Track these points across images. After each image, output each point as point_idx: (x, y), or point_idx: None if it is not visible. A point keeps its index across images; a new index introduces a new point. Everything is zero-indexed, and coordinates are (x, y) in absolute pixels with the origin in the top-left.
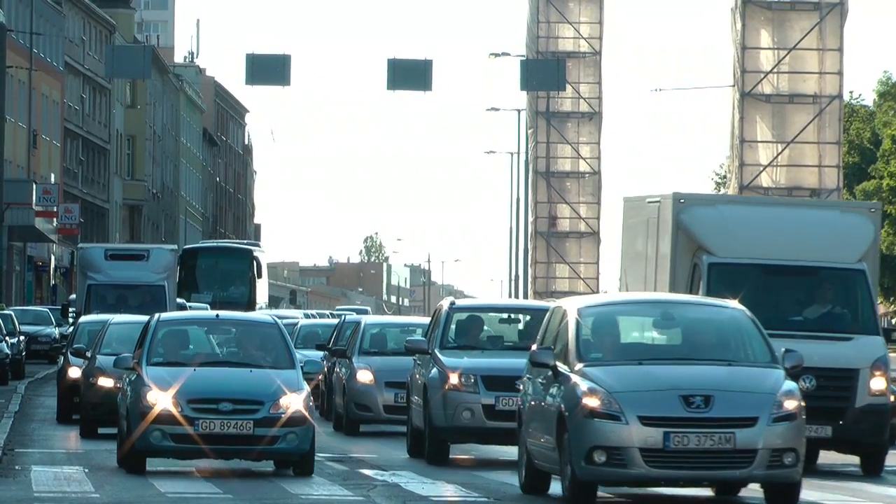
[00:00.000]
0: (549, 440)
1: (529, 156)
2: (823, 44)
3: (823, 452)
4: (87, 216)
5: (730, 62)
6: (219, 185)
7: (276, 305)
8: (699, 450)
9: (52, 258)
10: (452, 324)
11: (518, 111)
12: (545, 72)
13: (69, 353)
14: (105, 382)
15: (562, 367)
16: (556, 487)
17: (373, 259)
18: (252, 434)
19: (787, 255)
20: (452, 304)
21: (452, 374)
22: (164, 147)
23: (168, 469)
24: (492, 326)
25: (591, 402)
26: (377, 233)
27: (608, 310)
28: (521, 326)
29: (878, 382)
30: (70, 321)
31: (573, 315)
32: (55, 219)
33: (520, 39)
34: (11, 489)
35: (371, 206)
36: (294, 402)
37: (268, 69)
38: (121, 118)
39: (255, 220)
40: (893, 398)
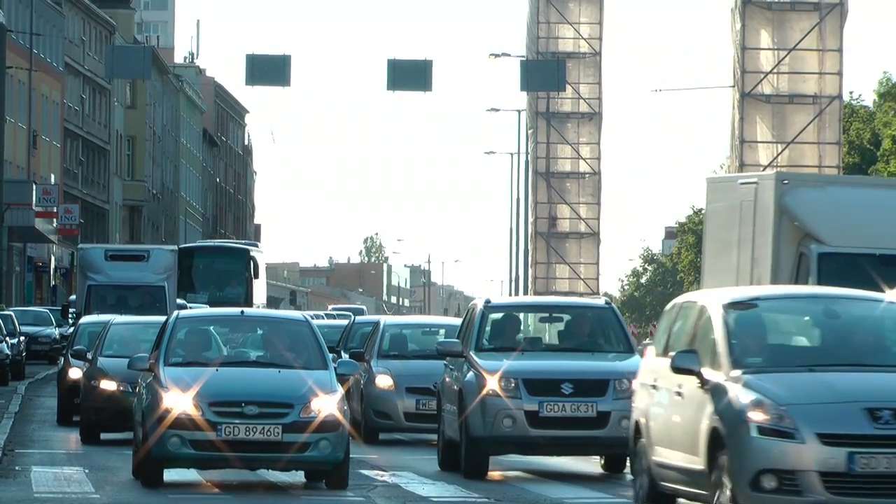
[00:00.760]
0: (694, 460)
1: (529, 156)
2: (823, 44)
3: None
4: (87, 217)
5: (730, 62)
6: (219, 186)
7: (276, 306)
8: (889, 474)
9: (52, 259)
10: (487, 325)
11: (518, 112)
12: (545, 72)
13: (69, 355)
14: (107, 386)
15: (710, 375)
16: None
17: (373, 259)
18: (280, 440)
19: None
20: (488, 303)
21: (491, 378)
22: (164, 147)
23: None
24: (529, 326)
25: (758, 417)
26: (377, 233)
27: (759, 306)
28: (562, 326)
29: None
30: (70, 322)
31: (718, 312)
32: (55, 219)
33: (520, 40)
34: (11, 490)
35: (371, 207)
36: (326, 405)
37: (268, 70)
38: (121, 119)
39: (255, 221)
40: None
